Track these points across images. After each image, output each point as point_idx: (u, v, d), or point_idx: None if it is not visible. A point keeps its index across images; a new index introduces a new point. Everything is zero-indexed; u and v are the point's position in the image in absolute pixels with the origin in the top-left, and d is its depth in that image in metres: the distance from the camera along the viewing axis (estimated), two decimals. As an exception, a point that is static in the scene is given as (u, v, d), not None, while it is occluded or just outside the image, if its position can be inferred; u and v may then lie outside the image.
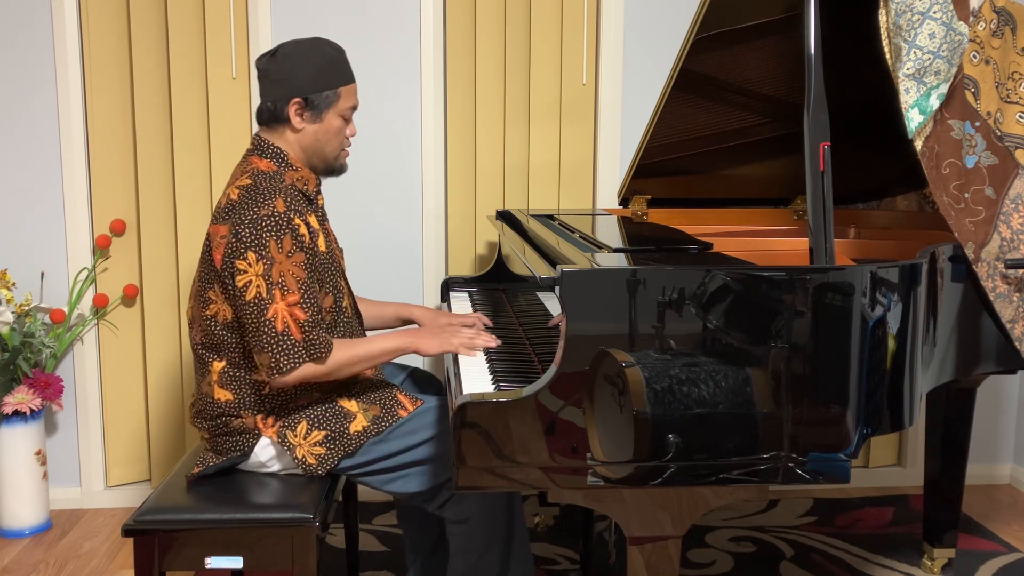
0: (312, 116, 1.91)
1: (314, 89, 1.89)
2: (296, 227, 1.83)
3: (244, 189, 1.86)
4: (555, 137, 3.04)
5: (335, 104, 1.92)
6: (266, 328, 1.80)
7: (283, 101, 1.89)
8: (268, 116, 1.92)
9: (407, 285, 3.08)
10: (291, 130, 1.92)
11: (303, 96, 1.89)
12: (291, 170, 1.93)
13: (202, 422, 1.97)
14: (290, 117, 1.90)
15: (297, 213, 1.85)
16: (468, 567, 1.93)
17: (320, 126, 1.93)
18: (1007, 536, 2.86)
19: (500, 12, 2.97)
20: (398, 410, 1.97)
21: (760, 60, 2.27)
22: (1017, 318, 2.17)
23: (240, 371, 1.91)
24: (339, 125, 1.95)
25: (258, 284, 1.79)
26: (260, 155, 1.94)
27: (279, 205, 1.82)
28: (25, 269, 2.96)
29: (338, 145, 1.97)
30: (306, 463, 1.91)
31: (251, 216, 1.81)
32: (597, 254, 1.69)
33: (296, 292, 1.81)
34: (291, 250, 1.82)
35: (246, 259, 1.79)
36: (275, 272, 1.79)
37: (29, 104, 2.90)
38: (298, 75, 1.88)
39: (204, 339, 1.93)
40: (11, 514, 2.84)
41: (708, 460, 1.53)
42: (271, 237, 1.80)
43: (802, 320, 1.53)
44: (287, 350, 1.81)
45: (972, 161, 2.13)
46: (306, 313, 1.82)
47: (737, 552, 2.72)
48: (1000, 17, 2.15)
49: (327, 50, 1.91)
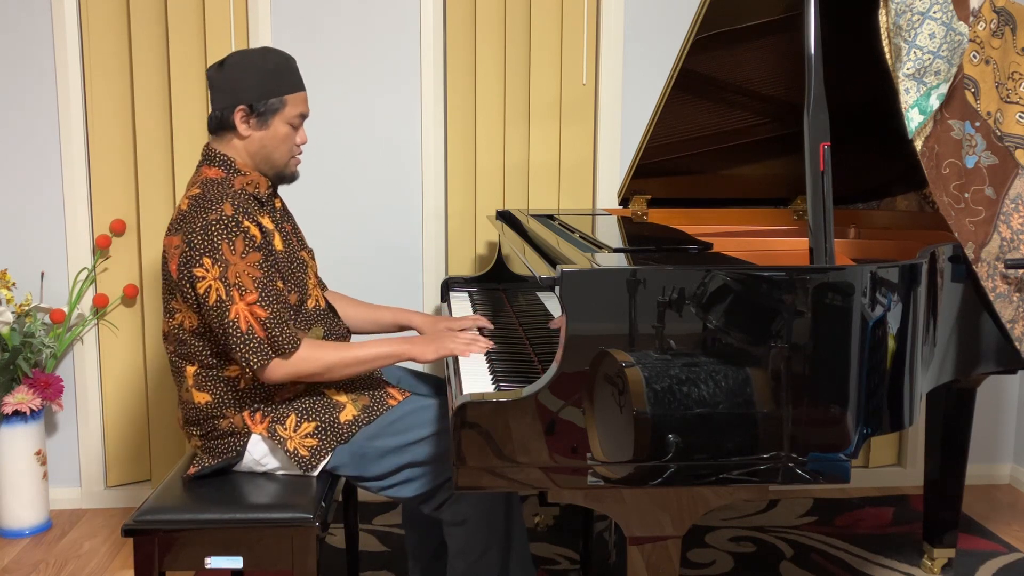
0: (258, 123, 1.94)
1: (259, 96, 1.92)
2: (246, 229, 1.86)
3: (193, 199, 1.90)
4: (555, 137, 3.04)
5: (281, 111, 1.95)
6: (231, 330, 1.83)
7: (229, 109, 1.93)
8: (216, 124, 1.96)
9: (407, 285, 3.08)
10: (238, 137, 1.95)
11: (248, 103, 1.92)
12: (240, 175, 1.96)
13: (191, 429, 1.98)
14: (236, 124, 1.93)
15: (246, 215, 1.87)
16: (467, 568, 1.93)
17: (266, 132, 1.95)
18: (1007, 536, 2.86)
19: (500, 12, 2.97)
20: (387, 400, 1.99)
21: (760, 60, 2.27)
22: (1017, 318, 2.17)
23: (212, 371, 1.93)
24: (286, 132, 1.97)
25: (217, 288, 1.82)
26: (209, 164, 1.97)
27: (227, 209, 1.85)
28: (25, 269, 2.96)
29: (286, 152, 1.99)
30: (299, 455, 1.92)
31: (201, 223, 1.84)
32: (597, 254, 1.69)
33: (254, 291, 1.84)
34: (244, 251, 1.84)
35: (203, 265, 1.83)
36: (231, 274, 1.82)
37: (29, 104, 2.90)
38: (243, 83, 1.92)
39: (176, 348, 1.96)
40: (11, 514, 2.84)
41: (708, 460, 1.53)
42: (223, 240, 1.83)
43: (802, 320, 1.53)
44: (253, 348, 1.83)
45: (972, 161, 2.13)
46: (267, 310, 1.84)
47: (737, 552, 2.72)
48: (1000, 17, 2.15)
49: (273, 58, 1.94)
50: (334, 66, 2.96)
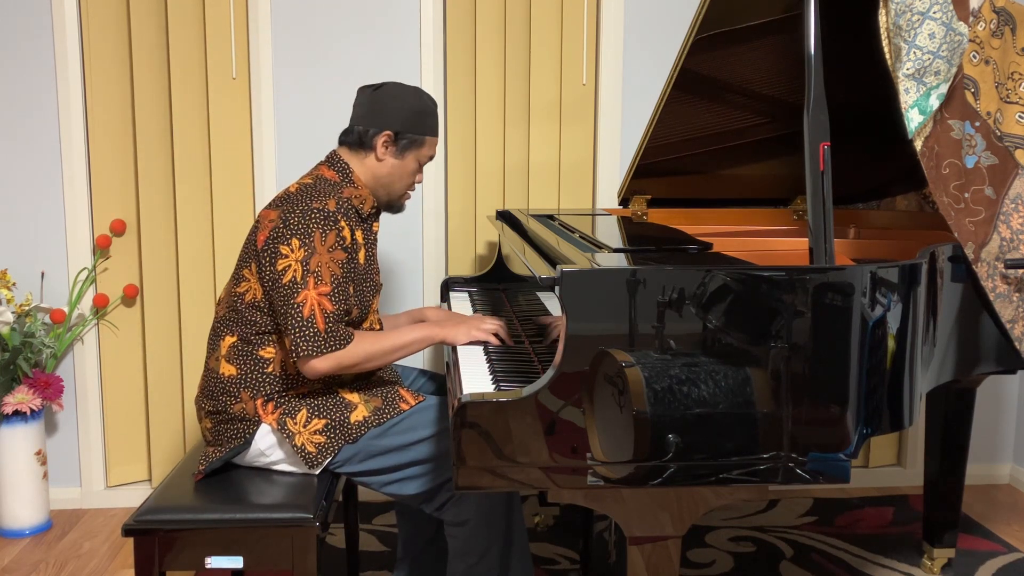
0: (396, 152, 2.05)
1: (406, 129, 2.04)
2: (341, 228, 1.93)
3: (303, 185, 1.99)
4: (555, 137, 3.04)
5: (418, 148, 2.07)
6: (293, 311, 1.88)
7: (376, 129, 2.03)
8: (355, 139, 2.05)
9: (407, 285, 3.08)
10: (373, 158, 2.06)
11: (395, 131, 2.03)
12: (352, 187, 2.04)
13: (205, 402, 2.01)
14: (376, 146, 2.04)
15: (345, 218, 1.95)
16: (467, 569, 1.93)
17: (399, 163, 2.06)
18: (1007, 536, 2.87)
19: (500, 12, 2.97)
20: (399, 403, 2.00)
21: (760, 60, 2.27)
22: (1017, 318, 2.17)
23: (249, 346, 1.98)
24: (414, 168, 2.09)
25: (295, 269, 1.89)
26: (329, 167, 2.07)
27: (331, 204, 1.93)
28: (25, 269, 2.96)
29: (406, 185, 2.11)
30: (305, 451, 1.93)
31: (303, 207, 1.91)
32: (597, 254, 1.69)
33: (328, 284, 1.90)
34: (333, 246, 1.92)
35: (290, 245, 1.89)
36: (313, 261, 1.89)
37: (29, 104, 2.90)
38: (397, 112, 2.03)
39: (226, 314, 2.01)
40: (11, 514, 2.84)
41: (708, 460, 1.53)
42: (317, 229, 1.90)
43: (802, 320, 1.53)
44: (308, 337, 1.87)
45: (972, 161, 2.13)
46: (334, 305, 1.90)
47: (737, 552, 2.72)
48: (1000, 17, 2.15)
49: (426, 100, 2.07)
50: (334, 66, 2.96)
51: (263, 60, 2.91)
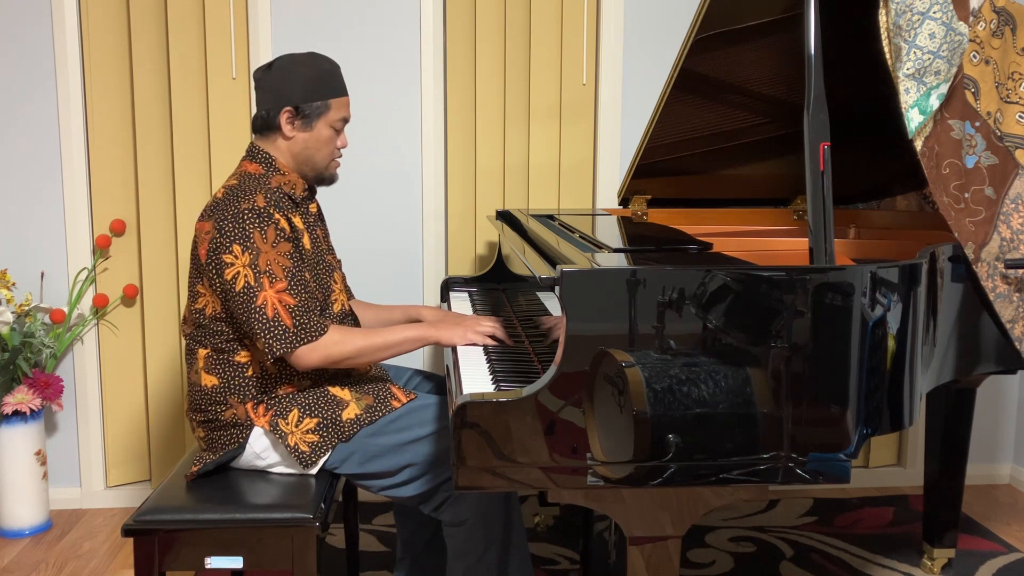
0: (302, 125, 1.99)
1: (305, 99, 1.97)
2: (277, 221, 1.90)
3: (228, 188, 1.95)
4: (555, 137, 3.04)
5: (325, 115, 2.00)
6: (257, 315, 1.86)
7: (275, 110, 1.98)
8: (261, 124, 2.01)
9: (407, 285, 3.08)
10: (282, 138, 2.00)
11: (294, 105, 1.97)
12: (278, 174, 2.01)
13: (196, 415, 2.01)
14: (281, 125, 1.98)
15: (278, 209, 1.92)
16: (466, 569, 1.93)
17: (310, 135, 2.00)
18: (1007, 536, 2.86)
19: (500, 12, 2.97)
20: (391, 401, 2.00)
21: (760, 60, 2.27)
22: (1017, 318, 2.17)
23: (223, 355, 1.97)
24: (328, 135, 2.02)
25: (246, 274, 1.86)
26: (251, 160, 2.02)
27: (259, 200, 1.90)
28: (25, 269, 2.96)
29: (328, 154, 2.04)
30: (299, 451, 1.93)
31: (233, 211, 1.88)
32: (597, 254, 1.69)
33: (283, 279, 1.88)
34: (275, 240, 1.89)
35: (231, 252, 1.86)
36: (261, 261, 1.86)
37: (29, 104, 2.90)
38: (291, 85, 1.97)
39: (194, 330, 2.00)
40: (11, 514, 2.84)
41: (708, 460, 1.53)
42: (254, 229, 1.87)
43: (802, 320, 1.53)
44: (278, 335, 1.86)
45: (972, 161, 2.13)
46: (295, 299, 1.88)
47: (737, 552, 2.72)
48: (1000, 17, 2.15)
49: (321, 64, 1.99)
50: (334, 66, 2.96)
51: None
